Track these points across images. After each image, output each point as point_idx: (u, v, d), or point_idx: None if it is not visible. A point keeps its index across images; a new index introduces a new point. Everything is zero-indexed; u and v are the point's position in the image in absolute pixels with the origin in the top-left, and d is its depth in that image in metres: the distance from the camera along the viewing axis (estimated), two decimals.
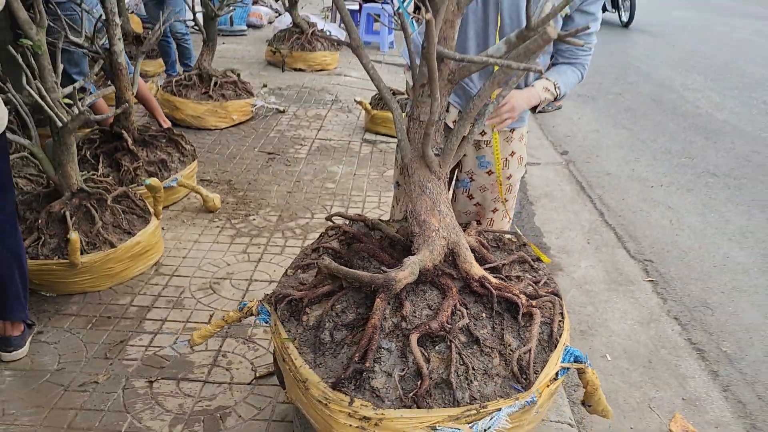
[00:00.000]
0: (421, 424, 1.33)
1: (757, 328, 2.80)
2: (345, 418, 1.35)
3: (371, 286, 1.46)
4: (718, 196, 4.10)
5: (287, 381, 1.56)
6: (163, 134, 3.53)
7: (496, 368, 1.44)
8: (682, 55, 8.05)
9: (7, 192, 2.09)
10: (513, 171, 2.13)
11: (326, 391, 1.37)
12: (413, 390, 1.36)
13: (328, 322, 1.49)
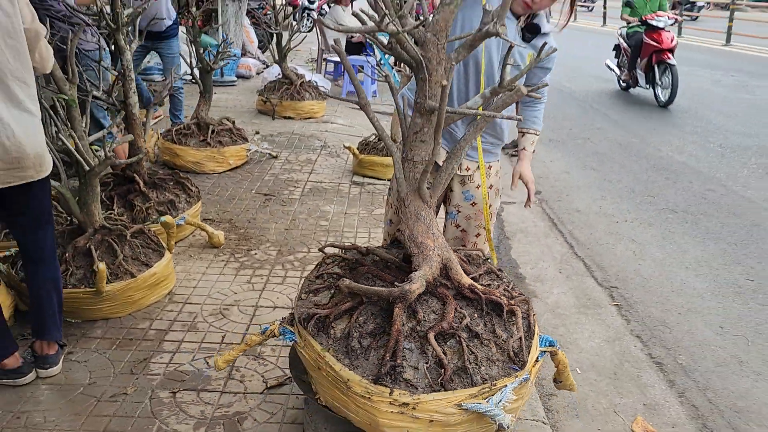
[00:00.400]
0: (450, 403, 1.66)
1: (709, 344, 3.14)
2: (387, 406, 1.66)
3: (389, 298, 1.78)
4: (677, 229, 4.50)
5: (323, 386, 1.82)
6: (171, 177, 3.85)
7: (495, 355, 1.78)
8: (644, 102, 8.61)
9: (49, 227, 2.40)
10: (492, 201, 2.49)
11: (368, 386, 1.68)
12: (438, 378, 1.68)
13: (355, 332, 1.80)
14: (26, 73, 2.15)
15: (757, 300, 3.55)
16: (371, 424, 1.71)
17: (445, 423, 1.68)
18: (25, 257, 2.40)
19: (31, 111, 2.17)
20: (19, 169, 2.14)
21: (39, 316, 2.43)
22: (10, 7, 2.07)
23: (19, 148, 2.12)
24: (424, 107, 1.79)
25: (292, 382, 2.49)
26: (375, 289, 1.81)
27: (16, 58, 2.10)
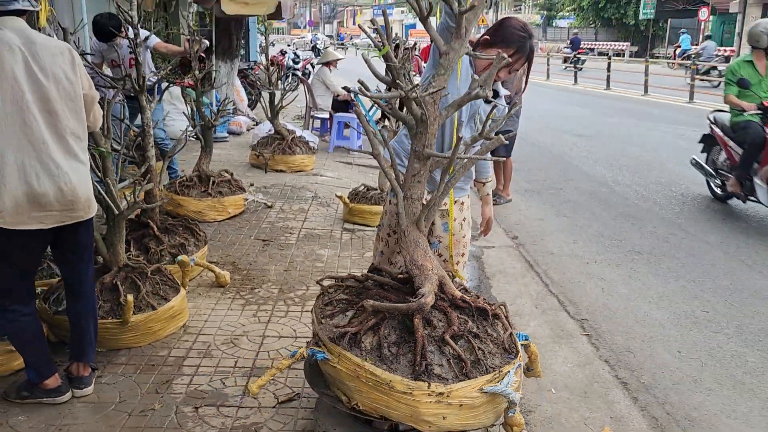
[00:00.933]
0: (473, 389, 2.07)
1: (668, 366, 3.53)
2: (426, 397, 2.04)
3: (408, 311, 2.16)
4: (641, 269, 4.93)
5: (362, 391, 2.13)
6: (181, 223, 4.22)
7: (493, 349, 2.20)
8: (614, 155, 9.20)
9: (91, 263, 2.76)
10: (466, 232, 2.91)
11: (409, 384, 2.04)
12: (461, 370, 2.08)
13: (384, 343, 2.16)
14: (81, 130, 2.55)
15: (711, 328, 3.95)
16: (412, 415, 2.08)
17: (471, 405, 2.09)
18: (69, 289, 2.74)
19: (83, 161, 2.56)
20: (72, 210, 2.51)
21: (78, 340, 2.75)
22: (73, 77, 2.49)
23: (74, 192, 2.49)
24: (423, 154, 2.21)
25: (300, 398, 2.82)
26: (396, 305, 2.19)
27: (75, 118, 2.51)
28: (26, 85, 2.40)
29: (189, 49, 5.29)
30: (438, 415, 2.07)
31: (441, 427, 2.10)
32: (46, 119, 2.45)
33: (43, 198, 2.44)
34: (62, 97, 2.48)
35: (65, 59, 2.52)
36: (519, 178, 7.76)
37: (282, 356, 3.18)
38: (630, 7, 36.73)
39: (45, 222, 2.48)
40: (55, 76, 2.47)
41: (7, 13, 2.45)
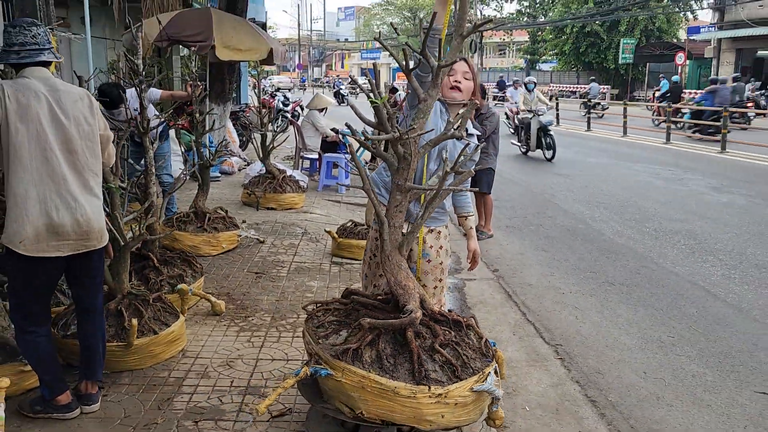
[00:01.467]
0: (465, 388, 2.37)
1: (634, 385, 3.79)
2: (427, 399, 2.32)
3: (401, 326, 2.44)
4: (613, 299, 5.23)
5: (367, 400, 2.38)
6: (179, 256, 4.48)
7: (473, 354, 2.50)
8: (592, 194, 9.58)
9: (101, 288, 3.03)
10: (443, 258, 3.19)
11: (412, 388, 2.33)
12: (453, 373, 2.37)
13: (383, 355, 2.43)
14: (97, 167, 2.85)
15: (675, 352, 4.24)
16: (416, 416, 2.36)
17: (464, 403, 2.39)
18: (81, 311, 3.00)
19: (97, 195, 2.85)
20: (87, 239, 2.79)
21: (88, 360, 2.99)
22: (91, 119, 2.79)
23: (89, 223, 2.77)
24: (404, 187, 2.52)
25: (291, 413, 3.06)
26: (391, 321, 2.47)
27: (92, 156, 2.80)
28: (50, 127, 2.70)
29: (191, 93, 5.63)
30: (438, 414, 2.36)
31: (440, 425, 2.40)
32: (66, 157, 2.75)
33: (61, 228, 2.71)
34: (81, 138, 2.78)
35: (84, 104, 2.83)
36: (501, 215, 8.11)
37: (285, 376, 3.43)
38: (610, 52, 37.90)
39: (62, 250, 2.75)
40: (76, 118, 2.77)
41: (33, 63, 2.77)
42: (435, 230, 3.17)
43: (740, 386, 3.78)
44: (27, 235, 2.66)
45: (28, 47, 2.73)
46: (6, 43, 2.71)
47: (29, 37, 2.74)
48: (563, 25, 39.35)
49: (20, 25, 2.75)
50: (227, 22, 7.90)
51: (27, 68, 2.75)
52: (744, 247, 6.62)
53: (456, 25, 2.46)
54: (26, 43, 2.73)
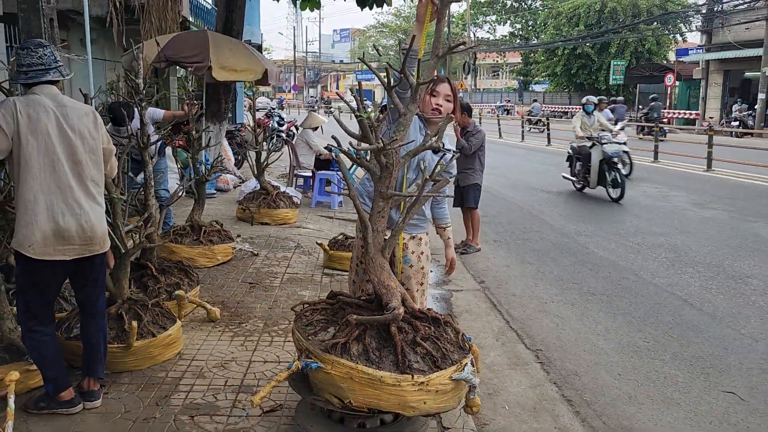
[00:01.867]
0: (445, 377, 2.57)
1: (608, 386, 4.00)
2: (410, 386, 2.52)
3: (386, 321, 2.64)
4: (594, 308, 5.44)
5: (355, 390, 2.57)
6: (176, 266, 4.68)
7: (451, 347, 2.69)
8: (577, 210, 9.83)
9: (103, 290, 3.24)
10: (424, 263, 3.40)
11: (397, 377, 2.52)
12: (433, 363, 2.57)
13: (369, 348, 2.63)
14: (100, 177, 3.07)
15: (650, 356, 4.44)
16: (400, 403, 2.55)
17: (444, 391, 2.60)
18: (84, 312, 3.20)
19: (100, 204, 3.06)
20: (90, 244, 3.00)
21: (90, 358, 3.18)
22: (95, 133, 3.03)
23: (92, 229, 2.98)
24: (386, 194, 2.74)
25: (282, 408, 3.25)
26: (376, 317, 2.68)
27: (95, 167, 3.03)
28: (57, 139, 2.93)
29: (188, 111, 5.87)
30: (420, 401, 2.56)
31: (422, 411, 2.61)
32: (72, 167, 2.97)
33: (67, 233, 2.93)
34: (86, 150, 3.01)
35: (89, 119, 3.07)
36: (488, 230, 8.34)
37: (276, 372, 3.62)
38: (601, 74, 38.51)
39: (67, 254, 2.96)
40: (81, 132, 3.00)
41: (41, 82, 3.00)
42: (416, 237, 3.38)
43: (709, 387, 3.99)
44: (35, 239, 2.87)
45: (35, 68, 2.98)
46: (18, 64, 2.96)
47: (35, 58, 2.98)
48: (555, 47, 40.03)
49: (28, 47, 3.00)
50: (223, 44, 8.17)
51: (36, 86, 2.99)
52: (722, 260, 6.86)
53: (433, 47, 2.71)
54: (33, 64, 2.97)
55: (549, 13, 45.74)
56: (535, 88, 50.34)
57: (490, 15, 54.11)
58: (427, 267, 3.48)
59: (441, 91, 3.27)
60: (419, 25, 2.99)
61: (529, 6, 51.72)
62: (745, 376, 4.12)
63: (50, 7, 5.19)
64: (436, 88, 3.26)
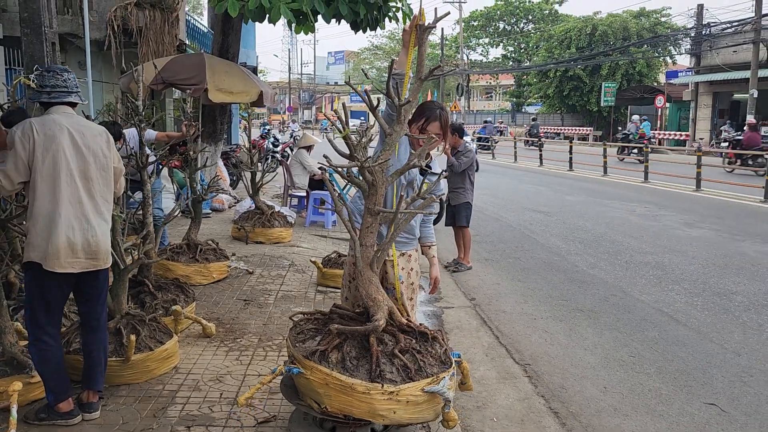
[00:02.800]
0: (417, 388, 2.65)
1: (594, 398, 4.11)
2: (380, 395, 2.61)
3: (365, 332, 2.75)
4: (581, 324, 5.56)
5: (330, 396, 2.68)
6: (172, 282, 4.79)
7: (432, 361, 2.78)
8: (568, 229, 9.98)
9: (105, 304, 3.34)
10: (414, 279, 3.52)
11: (367, 386, 2.62)
12: (407, 375, 2.66)
13: (346, 357, 2.74)
14: (108, 195, 3.21)
15: (635, 369, 4.56)
16: (370, 411, 2.65)
17: (415, 402, 2.67)
18: (86, 325, 3.30)
19: (107, 220, 3.19)
20: (95, 259, 3.12)
21: (90, 371, 3.28)
22: (107, 152, 3.19)
23: (98, 244, 3.11)
24: (374, 211, 2.88)
25: (276, 419, 3.34)
26: (355, 327, 2.79)
27: (105, 184, 3.17)
28: (72, 155, 3.09)
29: (186, 132, 6.01)
30: (390, 410, 2.65)
31: (392, 420, 2.69)
32: (84, 184, 3.12)
33: (75, 247, 3.06)
34: (97, 168, 3.15)
35: (102, 139, 3.22)
36: (480, 248, 8.47)
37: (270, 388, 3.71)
38: (592, 95, 38.98)
39: (74, 267, 3.08)
40: (94, 150, 3.15)
41: (60, 103, 3.16)
42: (406, 254, 3.51)
43: (691, 399, 4.10)
44: (46, 252, 3.01)
45: (59, 89, 3.18)
46: (39, 85, 3.15)
47: (60, 81, 3.19)
48: (547, 69, 40.55)
49: (54, 71, 3.21)
50: (219, 67, 8.35)
51: (54, 107, 3.16)
52: (708, 277, 7.00)
53: (416, 70, 2.86)
54: (57, 86, 3.18)
55: (541, 36, 46.49)
56: (528, 109, 50.86)
57: (483, 38, 54.83)
58: (417, 282, 3.60)
59: (431, 129, 3.34)
60: (405, 50, 3.15)
61: (521, 29, 52.45)
62: (727, 389, 4.24)
63: (52, 31, 5.35)
64: (426, 127, 3.36)
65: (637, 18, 39.56)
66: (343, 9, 7.10)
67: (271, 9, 6.31)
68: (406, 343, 2.81)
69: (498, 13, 52.04)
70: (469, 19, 52.95)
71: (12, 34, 9.92)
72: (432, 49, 56.56)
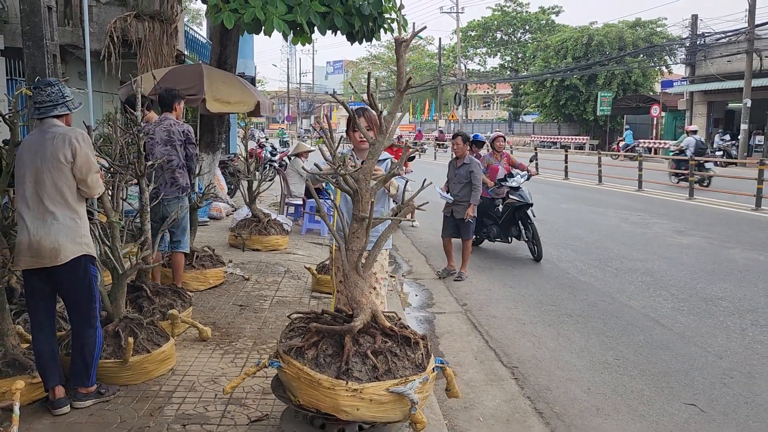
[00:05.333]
0: (382, 388, 2.77)
1: (578, 399, 4.23)
2: (344, 391, 2.74)
3: (341, 332, 2.89)
4: (569, 328, 5.69)
5: (301, 389, 2.83)
6: (170, 288, 4.92)
7: (407, 365, 2.91)
8: (562, 237, 10.12)
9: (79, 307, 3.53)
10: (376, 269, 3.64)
11: (333, 382, 2.76)
12: (374, 375, 2.78)
13: (320, 354, 2.88)
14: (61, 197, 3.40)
15: (619, 372, 4.69)
16: (334, 406, 2.77)
17: (379, 401, 2.79)
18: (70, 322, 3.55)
19: (57, 219, 3.39)
20: (38, 257, 3.37)
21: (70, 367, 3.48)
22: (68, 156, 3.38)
23: (39, 243, 3.35)
24: (359, 216, 3.02)
25: (268, 418, 3.47)
26: (331, 327, 2.93)
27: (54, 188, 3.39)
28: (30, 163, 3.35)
29: None
30: (353, 406, 2.78)
31: (356, 417, 2.82)
32: (35, 187, 3.36)
33: (22, 246, 3.34)
34: (48, 170, 3.35)
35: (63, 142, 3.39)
36: (473, 256, 8.58)
37: (264, 389, 3.85)
38: (589, 105, 39.24)
39: (20, 264, 3.36)
40: (51, 156, 3.35)
41: (50, 116, 3.35)
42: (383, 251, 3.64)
43: (672, 399, 4.23)
44: (15, 252, 3.35)
45: (45, 104, 3.40)
46: (33, 101, 3.36)
47: (45, 96, 3.38)
48: (544, 79, 40.84)
49: (39, 87, 3.43)
50: (217, 77, 8.50)
51: (43, 120, 3.36)
52: (695, 283, 7.14)
53: (397, 83, 3.01)
54: (43, 101, 3.39)
55: (538, 46, 46.77)
56: (525, 118, 51.13)
57: (481, 47, 55.20)
58: (380, 274, 3.72)
59: (360, 123, 3.50)
60: None
61: (518, 39, 52.83)
62: (707, 390, 4.37)
63: (53, 44, 5.50)
64: (355, 125, 3.57)
65: (633, 28, 39.88)
66: (339, 21, 7.27)
67: (266, 21, 6.47)
68: (381, 345, 2.92)
69: (495, 23, 52.44)
70: (466, 29, 53.34)
71: (13, 45, 10.09)
72: (430, 59, 56.99)
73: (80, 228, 3.44)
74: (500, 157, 9.04)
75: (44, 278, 3.40)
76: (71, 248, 3.39)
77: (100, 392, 3.54)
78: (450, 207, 7.50)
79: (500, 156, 9.05)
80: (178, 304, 4.80)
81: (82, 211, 3.49)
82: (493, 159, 8.96)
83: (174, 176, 5.54)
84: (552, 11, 51.50)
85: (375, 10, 7.55)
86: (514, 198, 8.50)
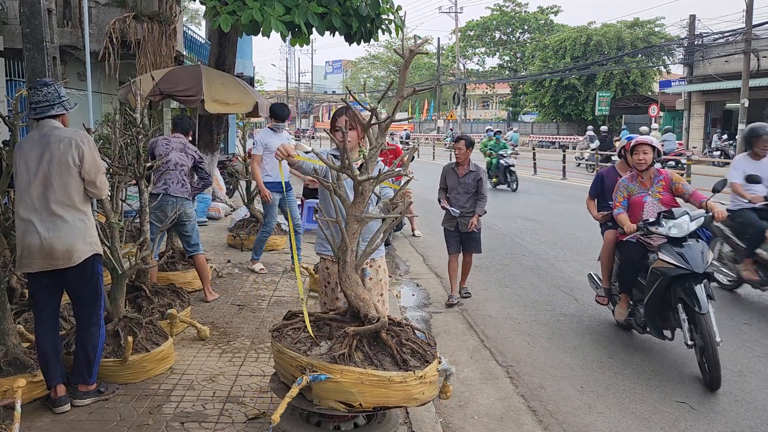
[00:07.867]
0: (434, 368, 2.97)
1: (571, 397, 4.30)
2: (414, 381, 2.86)
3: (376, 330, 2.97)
4: (564, 327, 5.75)
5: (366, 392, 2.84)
6: (168, 288, 4.98)
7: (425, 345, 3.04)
8: (558, 237, 10.19)
9: (87, 308, 3.56)
10: (382, 276, 3.68)
11: (403, 375, 2.85)
12: (421, 359, 2.95)
13: (368, 354, 2.93)
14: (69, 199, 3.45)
15: (613, 370, 4.75)
16: (405, 397, 2.89)
17: (433, 381, 2.97)
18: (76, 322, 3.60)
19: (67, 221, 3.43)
20: (51, 259, 3.43)
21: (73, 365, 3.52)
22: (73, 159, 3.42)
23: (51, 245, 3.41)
24: (359, 218, 3.08)
25: (265, 415, 3.53)
26: (370, 327, 2.97)
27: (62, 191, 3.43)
28: (35, 166, 3.38)
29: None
30: (420, 392, 2.91)
31: (422, 401, 2.97)
32: (42, 191, 3.39)
33: (33, 249, 3.37)
34: (58, 174, 3.39)
35: (70, 145, 3.43)
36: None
37: (263, 388, 3.90)
38: (587, 104, 39.33)
39: (32, 267, 3.39)
40: (58, 159, 3.38)
41: (47, 116, 3.40)
42: (377, 261, 3.68)
43: (664, 397, 4.29)
44: (18, 255, 3.37)
45: (42, 105, 3.44)
46: (29, 102, 3.39)
47: (41, 96, 3.43)
48: (542, 78, 40.91)
49: (35, 87, 3.47)
50: (216, 78, 8.57)
51: (41, 121, 3.41)
52: None
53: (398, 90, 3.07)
54: (39, 101, 3.43)
55: (536, 46, 46.86)
56: (524, 118, 51.19)
57: (480, 47, 55.29)
58: (386, 279, 3.77)
59: (340, 122, 3.53)
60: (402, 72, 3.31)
61: (517, 39, 52.91)
62: (698, 388, 4.42)
63: (53, 45, 5.55)
64: (335, 125, 3.56)
65: (631, 28, 39.97)
66: (336, 22, 7.33)
67: (264, 22, 6.53)
68: (405, 334, 3.05)
69: (494, 23, 52.53)
70: (465, 29, 53.42)
71: (13, 46, 10.14)
72: (429, 59, 57.01)
73: (89, 228, 3.52)
74: (650, 181, 5.23)
75: (53, 278, 3.46)
76: (83, 249, 3.46)
77: (99, 390, 3.60)
78: (455, 220, 6.63)
79: (650, 179, 5.23)
80: (177, 304, 4.86)
81: (89, 211, 3.57)
82: (637, 184, 5.26)
83: (185, 179, 5.71)
84: (551, 11, 51.60)
85: (373, 11, 7.62)
86: (668, 260, 4.66)
